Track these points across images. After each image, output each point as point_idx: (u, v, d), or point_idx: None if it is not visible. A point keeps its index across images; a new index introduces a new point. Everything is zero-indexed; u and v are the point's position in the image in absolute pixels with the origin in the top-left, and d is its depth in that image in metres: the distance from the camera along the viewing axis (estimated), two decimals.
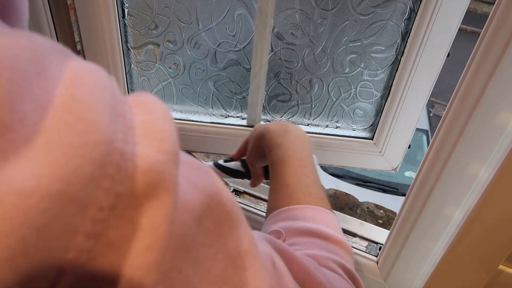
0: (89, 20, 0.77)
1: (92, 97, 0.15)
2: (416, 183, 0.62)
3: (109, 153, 0.14)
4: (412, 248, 0.67)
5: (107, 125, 0.14)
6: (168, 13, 0.79)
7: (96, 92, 0.15)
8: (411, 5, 0.71)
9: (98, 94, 0.15)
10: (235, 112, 0.90)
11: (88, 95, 0.15)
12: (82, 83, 0.15)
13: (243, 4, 0.76)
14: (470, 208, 0.49)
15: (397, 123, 0.82)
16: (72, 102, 0.14)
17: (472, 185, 0.56)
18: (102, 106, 0.15)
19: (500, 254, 0.48)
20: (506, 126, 0.50)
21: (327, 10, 0.75)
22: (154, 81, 0.89)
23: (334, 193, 1.19)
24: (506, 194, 0.45)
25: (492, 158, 0.53)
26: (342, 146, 0.88)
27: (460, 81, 0.52)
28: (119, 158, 0.14)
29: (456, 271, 0.52)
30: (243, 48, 0.81)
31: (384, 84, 0.82)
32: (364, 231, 0.82)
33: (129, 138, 0.15)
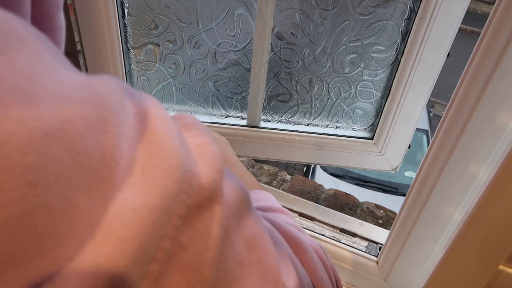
0: (89, 20, 0.77)
1: (165, 128, 0.19)
2: (416, 183, 0.62)
3: (184, 173, 0.18)
4: (412, 248, 0.67)
5: (180, 150, 0.19)
6: (168, 13, 0.79)
7: (166, 123, 0.19)
8: (411, 5, 0.71)
9: (167, 124, 0.19)
10: (235, 112, 0.90)
11: (162, 127, 0.19)
12: (154, 117, 0.19)
13: (243, 4, 0.76)
14: (470, 208, 0.49)
15: (397, 123, 0.82)
16: (153, 135, 0.18)
17: (472, 185, 0.56)
18: (172, 135, 0.19)
19: (500, 254, 0.48)
20: (506, 126, 0.50)
21: (327, 10, 0.75)
22: (154, 81, 0.89)
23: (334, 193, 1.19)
24: (506, 194, 0.45)
25: (492, 158, 0.53)
26: (342, 146, 0.88)
27: (460, 81, 0.52)
28: (190, 177, 0.18)
29: (456, 271, 0.52)
30: (243, 48, 0.81)
31: (384, 84, 0.82)
32: (364, 231, 0.82)
33: (191, 160, 0.20)
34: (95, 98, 0.17)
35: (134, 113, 0.18)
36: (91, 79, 0.18)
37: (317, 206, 0.87)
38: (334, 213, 0.86)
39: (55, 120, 0.14)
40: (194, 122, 0.23)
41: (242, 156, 0.92)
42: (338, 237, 0.79)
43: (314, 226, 0.81)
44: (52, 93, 0.15)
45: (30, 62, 0.15)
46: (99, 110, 0.16)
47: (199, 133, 0.22)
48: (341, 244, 0.77)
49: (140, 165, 0.17)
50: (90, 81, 0.18)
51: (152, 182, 0.17)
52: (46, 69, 0.16)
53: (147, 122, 0.18)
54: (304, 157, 0.90)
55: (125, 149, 0.17)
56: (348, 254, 0.76)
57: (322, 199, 1.16)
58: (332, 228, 0.82)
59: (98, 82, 0.18)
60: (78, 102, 0.16)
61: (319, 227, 0.81)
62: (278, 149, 0.89)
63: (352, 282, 0.77)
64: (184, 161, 0.18)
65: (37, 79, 0.15)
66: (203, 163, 0.20)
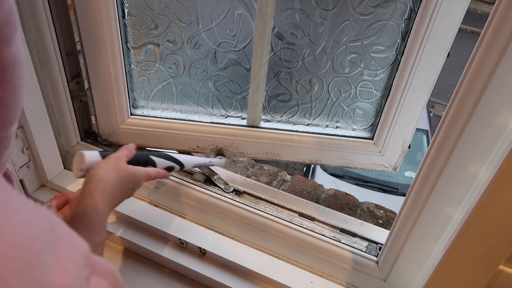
0: (89, 20, 0.77)
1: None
2: (416, 183, 0.62)
3: None
4: (412, 248, 0.67)
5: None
6: (168, 13, 0.79)
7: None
8: (411, 5, 0.71)
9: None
10: (235, 112, 0.90)
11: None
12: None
13: (243, 4, 0.76)
14: (470, 208, 0.49)
15: (397, 123, 0.82)
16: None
17: (472, 185, 0.56)
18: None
19: (500, 254, 0.48)
20: (506, 126, 0.50)
21: (327, 10, 0.75)
22: (154, 81, 0.89)
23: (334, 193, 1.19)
24: (506, 194, 0.45)
25: (492, 158, 0.53)
26: (342, 146, 0.88)
27: (460, 81, 0.52)
28: None
29: (456, 271, 0.52)
30: (243, 48, 0.81)
31: (384, 84, 0.82)
32: (364, 231, 0.82)
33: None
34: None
35: (51, 282, 0.19)
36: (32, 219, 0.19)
37: (317, 206, 0.87)
38: (334, 213, 0.86)
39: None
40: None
41: (242, 156, 0.92)
42: (338, 237, 0.79)
43: (314, 226, 0.81)
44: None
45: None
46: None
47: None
48: (341, 244, 0.77)
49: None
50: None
51: None
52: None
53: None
54: (304, 157, 0.90)
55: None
56: (348, 254, 0.76)
57: (322, 199, 1.16)
58: (332, 228, 0.82)
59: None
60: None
61: (319, 227, 0.81)
62: (278, 149, 0.89)
63: (352, 282, 0.77)
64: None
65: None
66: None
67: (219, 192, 0.86)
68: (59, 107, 0.88)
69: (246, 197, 0.87)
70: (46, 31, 0.78)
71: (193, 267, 0.77)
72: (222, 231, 0.84)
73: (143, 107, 0.93)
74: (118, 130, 0.92)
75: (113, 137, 0.93)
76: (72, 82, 0.89)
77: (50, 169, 0.89)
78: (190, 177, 0.90)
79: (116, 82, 0.85)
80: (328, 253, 0.77)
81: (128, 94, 0.89)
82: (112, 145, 0.95)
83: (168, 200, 0.87)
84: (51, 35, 0.80)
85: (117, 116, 0.90)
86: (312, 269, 0.79)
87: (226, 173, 0.93)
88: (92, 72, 0.84)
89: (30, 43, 0.78)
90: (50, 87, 0.84)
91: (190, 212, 0.86)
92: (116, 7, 0.78)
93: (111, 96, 0.87)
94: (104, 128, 0.92)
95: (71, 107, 0.91)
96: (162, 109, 0.92)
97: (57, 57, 0.83)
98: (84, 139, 0.97)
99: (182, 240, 0.79)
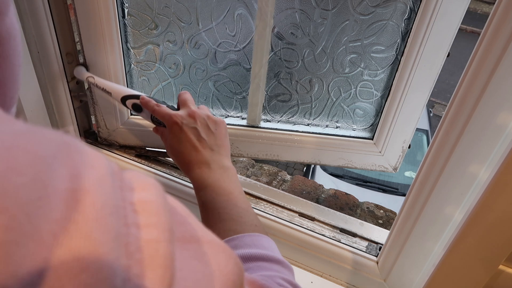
0: (89, 20, 0.77)
1: (100, 215, 0.15)
2: (416, 183, 0.62)
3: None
4: (412, 248, 0.67)
5: (111, 266, 0.15)
6: (168, 13, 0.79)
7: (100, 219, 0.16)
8: (411, 5, 0.71)
9: (102, 221, 0.16)
10: (235, 112, 0.90)
11: (91, 223, 0.15)
12: (85, 206, 0.15)
13: (243, 4, 0.76)
14: (470, 208, 0.49)
15: (397, 123, 0.82)
16: (78, 232, 0.15)
17: (472, 185, 0.56)
18: (106, 239, 0.15)
19: (500, 254, 0.48)
20: (506, 126, 0.50)
21: (327, 10, 0.75)
22: (154, 81, 0.89)
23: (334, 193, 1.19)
24: (506, 194, 0.45)
25: (492, 158, 0.53)
26: (342, 146, 0.88)
27: (460, 81, 0.52)
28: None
29: (456, 271, 0.52)
30: (243, 48, 0.81)
31: (384, 84, 0.82)
32: (364, 231, 0.82)
33: (132, 272, 0.16)
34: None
35: (65, 190, 0.15)
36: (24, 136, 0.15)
37: (317, 206, 0.87)
38: (334, 213, 0.86)
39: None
40: (155, 205, 0.19)
41: (242, 156, 0.92)
42: (338, 237, 0.79)
43: (314, 226, 0.81)
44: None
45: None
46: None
47: (156, 224, 0.18)
48: (341, 244, 0.77)
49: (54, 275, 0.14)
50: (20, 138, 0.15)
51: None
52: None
53: (77, 206, 0.15)
54: (304, 157, 0.90)
55: (32, 251, 0.13)
56: (348, 254, 0.76)
57: (322, 199, 1.16)
58: (332, 228, 0.82)
59: (29, 142, 0.15)
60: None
61: (319, 227, 0.81)
62: (278, 149, 0.89)
63: (352, 282, 0.77)
64: (114, 275, 0.15)
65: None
66: (150, 275, 0.17)
67: None
68: (59, 107, 0.88)
69: (246, 197, 0.87)
70: (46, 31, 0.78)
71: None
72: None
73: None
74: (118, 130, 0.92)
75: (113, 137, 0.93)
76: (72, 82, 0.89)
77: None
78: None
79: (116, 82, 0.85)
80: (328, 253, 0.77)
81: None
82: (112, 145, 0.95)
83: None
84: (51, 35, 0.80)
85: (117, 116, 0.90)
86: (312, 269, 0.79)
87: None
88: (92, 72, 0.84)
89: (30, 43, 0.78)
90: (50, 87, 0.84)
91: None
92: (116, 7, 0.78)
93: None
94: (104, 128, 0.92)
95: (71, 107, 0.91)
96: None
97: (57, 57, 0.83)
98: (84, 139, 0.97)
99: None
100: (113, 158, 0.91)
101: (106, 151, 0.93)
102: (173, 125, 0.63)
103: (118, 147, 0.95)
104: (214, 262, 0.22)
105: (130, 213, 0.18)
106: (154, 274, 0.17)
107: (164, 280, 0.17)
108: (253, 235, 0.47)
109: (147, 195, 0.19)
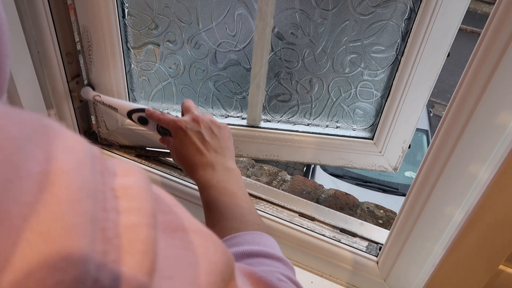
0: (89, 20, 0.77)
1: (72, 198, 0.15)
2: (416, 183, 0.62)
3: (85, 273, 0.14)
4: (412, 248, 0.67)
5: (84, 250, 0.14)
6: (168, 13, 0.79)
7: (74, 202, 0.15)
8: (411, 5, 0.71)
9: (76, 203, 0.15)
10: (235, 112, 0.90)
11: (64, 206, 0.14)
12: (59, 188, 0.15)
13: (243, 4, 0.76)
14: (470, 208, 0.49)
15: (397, 123, 0.82)
16: (48, 215, 0.14)
17: (472, 185, 0.56)
18: (79, 222, 0.15)
19: (500, 254, 0.48)
20: (506, 126, 0.50)
21: (327, 10, 0.75)
22: (154, 81, 0.89)
23: (334, 193, 1.19)
24: (506, 194, 0.45)
25: (492, 158, 0.53)
26: (342, 146, 0.88)
27: (460, 81, 0.52)
28: (96, 277, 0.15)
29: (456, 271, 0.52)
30: (243, 48, 0.81)
31: (384, 84, 0.82)
32: (364, 231, 0.82)
33: (109, 257, 0.15)
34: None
35: (38, 173, 0.14)
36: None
37: (317, 206, 0.87)
38: (334, 213, 0.86)
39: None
40: (137, 188, 0.18)
41: (242, 156, 0.92)
42: (338, 237, 0.79)
43: (314, 226, 0.81)
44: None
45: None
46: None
47: (138, 208, 0.18)
48: (341, 244, 0.77)
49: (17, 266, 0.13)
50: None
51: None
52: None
53: (50, 188, 0.14)
54: (304, 157, 0.90)
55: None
56: (348, 254, 0.76)
57: (322, 199, 1.16)
58: (332, 228, 0.82)
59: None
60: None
61: (319, 227, 0.81)
62: (278, 149, 0.89)
63: (352, 282, 0.77)
64: (87, 263, 0.14)
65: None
66: (129, 260, 0.16)
67: None
68: (59, 107, 0.88)
69: None
70: (46, 31, 0.78)
71: None
72: None
73: None
74: (118, 130, 0.92)
75: (113, 137, 0.93)
76: (72, 82, 0.89)
77: None
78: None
79: (116, 82, 0.85)
80: (328, 253, 0.77)
81: (128, 94, 0.89)
82: (112, 145, 0.95)
83: None
84: (51, 35, 0.80)
85: (117, 116, 0.90)
86: (312, 269, 0.79)
87: None
88: (92, 72, 0.84)
89: (30, 43, 0.78)
90: (50, 87, 0.84)
91: (190, 212, 0.86)
92: (116, 7, 0.78)
93: (111, 96, 0.87)
94: (104, 128, 0.92)
95: (71, 107, 0.91)
96: (163, 109, 0.92)
97: (57, 57, 0.83)
98: None
99: None
100: (113, 158, 0.91)
101: (106, 151, 0.93)
102: (178, 130, 0.64)
103: (118, 147, 0.95)
104: (201, 251, 0.22)
105: (110, 198, 0.17)
106: (133, 259, 0.16)
107: (142, 266, 0.16)
108: (255, 233, 0.47)
109: (130, 180, 0.18)
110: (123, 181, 0.18)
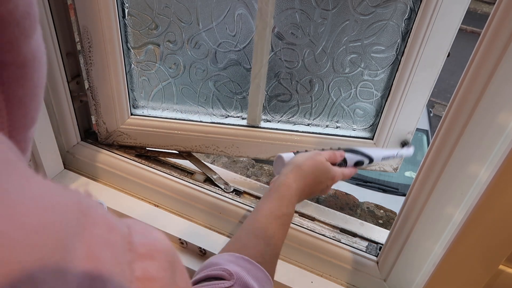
0: (89, 20, 0.77)
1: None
2: (416, 183, 0.62)
3: None
4: (412, 248, 0.67)
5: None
6: (168, 13, 0.79)
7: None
8: (411, 5, 0.72)
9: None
10: (235, 112, 0.90)
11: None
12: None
13: (243, 4, 0.76)
14: (470, 208, 0.49)
15: (397, 123, 0.82)
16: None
17: (472, 185, 0.56)
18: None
19: (500, 254, 0.48)
20: (506, 126, 0.50)
21: (327, 10, 0.75)
22: (154, 81, 0.89)
23: (334, 193, 1.19)
24: (506, 194, 0.45)
25: (492, 158, 0.53)
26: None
27: (460, 81, 0.52)
28: None
29: (456, 271, 0.53)
30: (243, 48, 0.81)
31: (384, 84, 0.82)
32: (364, 231, 0.82)
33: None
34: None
35: (82, 273, 0.16)
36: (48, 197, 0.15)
37: (317, 206, 0.87)
38: (334, 213, 0.86)
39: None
40: (160, 278, 0.19)
41: (242, 156, 0.92)
42: (338, 237, 0.79)
43: (314, 226, 0.81)
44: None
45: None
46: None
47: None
48: (341, 244, 0.77)
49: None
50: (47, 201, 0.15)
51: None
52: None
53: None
54: None
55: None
56: (348, 254, 0.76)
57: (322, 199, 1.16)
58: (332, 228, 0.82)
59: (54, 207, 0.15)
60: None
61: (319, 227, 0.81)
62: (278, 149, 0.89)
63: (352, 282, 0.77)
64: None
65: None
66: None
67: (219, 192, 0.86)
68: (59, 107, 0.88)
69: (246, 197, 0.87)
70: (46, 31, 0.78)
71: (193, 267, 0.77)
72: (222, 231, 0.84)
73: (143, 107, 0.93)
74: (118, 130, 0.92)
75: (114, 137, 0.93)
76: (72, 82, 0.89)
77: (50, 169, 0.89)
78: (190, 177, 0.90)
79: (116, 82, 0.85)
80: (328, 253, 0.77)
81: (128, 94, 0.89)
82: (112, 145, 0.95)
83: (168, 200, 0.87)
84: (51, 35, 0.80)
85: (117, 116, 0.90)
86: (312, 269, 0.79)
87: (226, 173, 0.93)
88: (92, 72, 0.84)
89: None
90: (50, 87, 0.84)
91: (190, 212, 0.86)
92: (116, 7, 0.78)
93: (111, 96, 0.87)
94: (104, 128, 0.92)
95: (71, 107, 0.91)
96: (163, 109, 0.92)
97: (57, 57, 0.83)
98: (84, 139, 0.97)
99: (182, 240, 0.79)
100: (113, 158, 0.91)
101: (106, 151, 0.93)
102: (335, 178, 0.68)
103: (118, 147, 0.95)
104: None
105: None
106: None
107: None
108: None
109: (153, 268, 0.19)
110: (146, 268, 0.19)
